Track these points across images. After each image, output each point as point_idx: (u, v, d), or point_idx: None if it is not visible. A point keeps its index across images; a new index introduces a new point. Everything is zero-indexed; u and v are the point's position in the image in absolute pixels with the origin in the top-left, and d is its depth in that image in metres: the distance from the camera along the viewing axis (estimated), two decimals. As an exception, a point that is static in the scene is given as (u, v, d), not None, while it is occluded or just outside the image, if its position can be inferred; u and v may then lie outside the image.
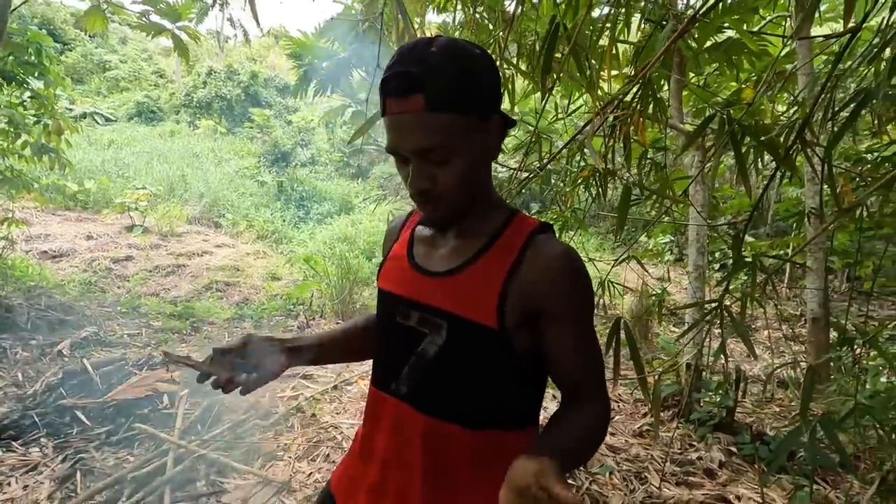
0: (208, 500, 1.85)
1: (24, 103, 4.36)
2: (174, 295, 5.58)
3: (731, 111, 1.20)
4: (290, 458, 2.27)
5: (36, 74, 4.28)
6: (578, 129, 2.48)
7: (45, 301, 3.44)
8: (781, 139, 1.43)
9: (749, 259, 1.23)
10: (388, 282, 0.77)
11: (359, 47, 3.74)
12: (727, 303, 1.29)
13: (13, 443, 2.07)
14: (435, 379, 0.69)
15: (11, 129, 4.27)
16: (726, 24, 1.49)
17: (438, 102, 0.59)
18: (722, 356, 1.38)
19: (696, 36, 2.33)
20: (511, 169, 2.41)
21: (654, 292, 5.01)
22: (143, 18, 5.83)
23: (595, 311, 0.76)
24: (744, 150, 1.18)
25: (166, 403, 2.44)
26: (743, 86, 3.37)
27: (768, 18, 2.99)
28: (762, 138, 1.17)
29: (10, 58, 4.11)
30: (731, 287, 1.34)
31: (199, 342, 3.77)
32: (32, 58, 4.12)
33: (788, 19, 2.98)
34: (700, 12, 1.00)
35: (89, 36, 17.88)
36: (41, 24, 15.11)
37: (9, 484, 1.83)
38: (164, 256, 6.88)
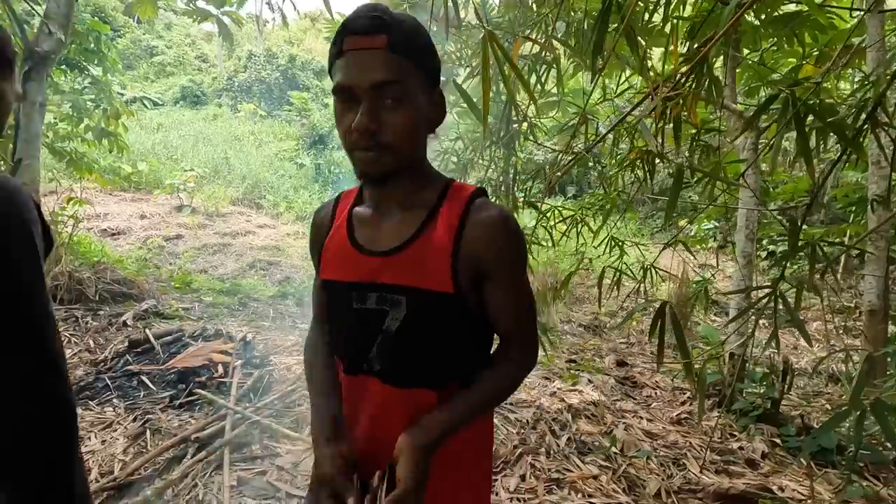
0: (263, 461, 1.99)
1: (85, 89, 4.63)
2: (221, 272, 5.87)
3: (796, 90, 1.15)
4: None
5: (95, 62, 4.52)
6: (622, 109, 2.41)
7: (110, 275, 3.70)
8: (849, 120, 1.36)
9: (805, 246, 1.19)
10: (335, 271, 0.76)
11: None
12: (780, 290, 1.26)
13: (90, 402, 2.29)
14: (403, 351, 0.72)
15: (75, 114, 4.56)
16: (792, -3, 1.41)
17: (400, 46, 0.63)
18: (772, 346, 1.35)
19: (755, 8, 2.20)
20: (553, 151, 2.39)
21: (695, 279, 4.87)
22: (191, 4, 6.02)
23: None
24: (807, 129, 1.13)
25: (221, 372, 2.61)
26: (804, 61, 3.15)
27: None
28: (829, 119, 1.12)
29: (72, 45, 4.34)
30: (784, 274, 1.30)
31: (247, 317, 3.97)
32: (92, 45, 4.35)
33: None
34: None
35: (137, 22, 18.58)
36: (93, 12, 15.81)
37: (89, 438, 2.03)
38: (210, 235, 7.23)
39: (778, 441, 2.53)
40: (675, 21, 1.60)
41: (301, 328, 3.88)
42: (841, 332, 4.39)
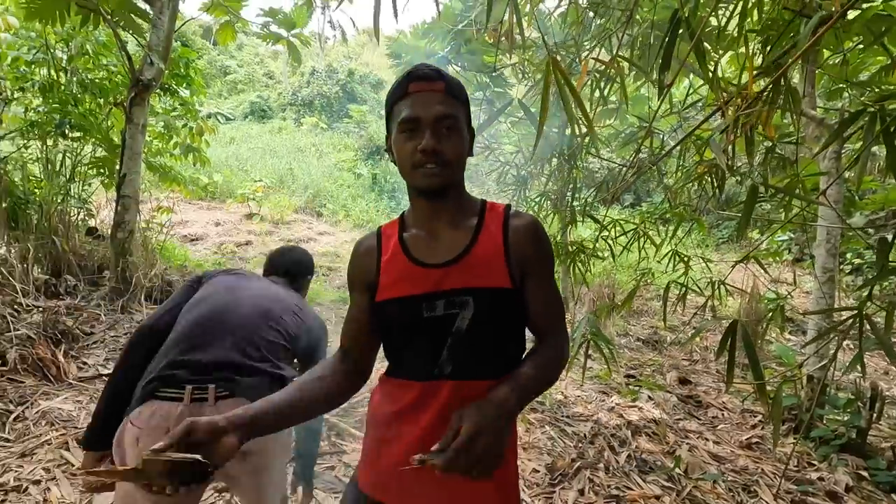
0: (331, 457, 2.12)
1: (176, 110, 5.14)
2: (286, 277, 6.25)
3: (886, 104, 1.10)
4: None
5: (184, 85, 5.01)
6: (686, 121, 2.36)
7: (194, 278, 4.07)
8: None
9: (900, 266, 1.13)
10: (398, 289, 0.83)
11: (456, 46, 3.86)
12: (867, 311, 1.20)
13: (180, 393, 2.54)
14: (472, 347, 0.80)
15: (166, 133, 5.08)
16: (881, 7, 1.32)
17: (452, 91, 0.82)
18: (857, 370, 1.27)
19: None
20: (617, 164, 2.37)
21: (767, 295, 4.56)
22: (265, 29, 6.51)
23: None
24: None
25: (291, 372, 2.79)
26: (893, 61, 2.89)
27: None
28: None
29: (166, 71, 4.85)
30: (872, 294, 1.23)
31: (311, 320, 4.20)
32: (182, 71, 4.83)
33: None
34: (850, 3, 0.94)
35: (213, 44, 20.23)
36: (177, 37, 17.43)
37: (181, 426, 2.25)
38: (276, 242, 7.71)
39: (864, 474, 2.33)
40: (747, 34, 1.57)
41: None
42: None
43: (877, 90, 1.98)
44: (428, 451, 0.70)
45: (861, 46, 3.00)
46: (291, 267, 1.49)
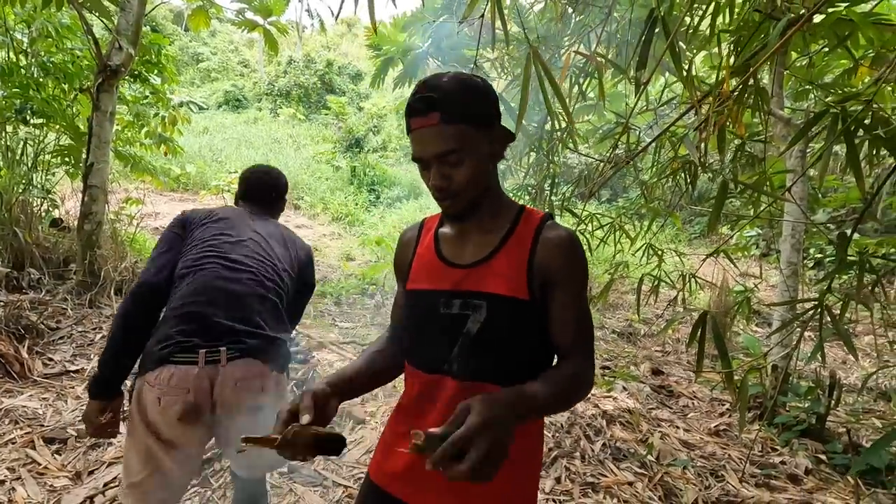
0: (310, 451, 2.10)
1: (146, 98, 4.96)
2: (263, 270, 6.13)
3: (847, 105, 1.16)
4: (376, 423, 2.50)
5: (155, 72, 4.83)
6: (661, 116, 2.41)
7: (166, 272, 3.95)
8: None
9: (855, 258, 1.19)
10: (423, 282, 0.88)
11: (436, 40, 3.84)
12: (827, 303, 1.26)
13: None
14: (480, 351, 0.80)
15: (136, 121, 4.89)
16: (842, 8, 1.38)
17: (450, 117, 0.75)
18: (818, 359, 1.34)
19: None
20: (594, 159, 2.41)
21: (735, 288, 4.74)
22: (240, 15, 6.33)
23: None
24: (857, 142, 1.14)
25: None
26: (859, 63, 3.03)
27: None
28: (882, 133, 1.12)
29: (136, 57, 4.67)
30: (831, 286, 1.30)
31: (289, 314, 4.15)
32: (153, 58, 4.65)
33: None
34: (816, 7, 0.98)
35: (185, 30, 19.54)
36: (145, 22, 16.75)
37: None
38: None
39: (823, 458, 2.46)
40: (720, 34, 1.62)
41: (341, 327, 4.03)
42: (894, 347, 4.17)
43: (840, 92, 2.07)
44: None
45: (826, 49, 3.13)
46: (271, 192, 1.53)
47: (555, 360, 0.88)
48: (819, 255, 6.03)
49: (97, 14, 3.60)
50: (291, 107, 15.36)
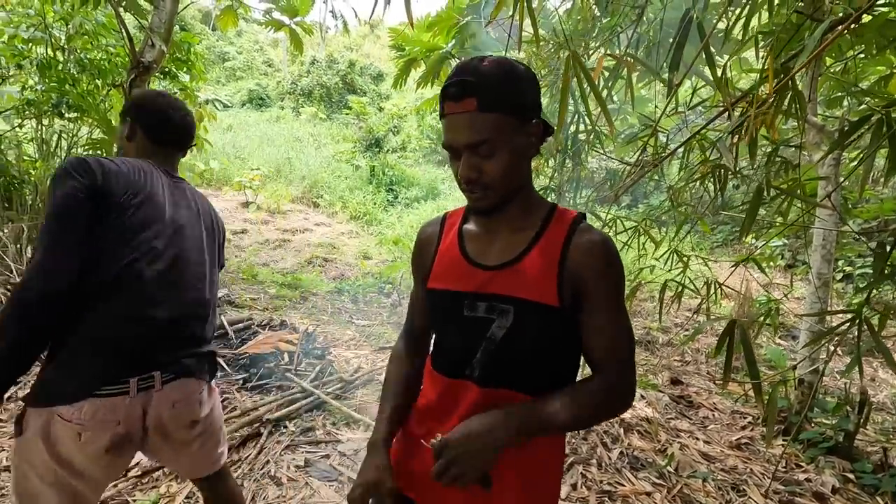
0: (326, 446, 2.13)
1: (176, 95, 5.08)
2: (282, 266, 6.22)
3: (891, 110, 1.11)
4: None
5: (185, 70, 4.95)
6: (688, 120, 2.37)
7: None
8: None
9: (900, 271, 1.15)
10: (446, 281, 0.83)
11: (461, 41, 3.84)
12: (866, 315, 1.21)
13: (175, 379, 2.53)
14: (504, 358, 0.77)
15: (165, 117, 5.02)
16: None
17: (487, 104, 0.70)
18: (850, 373, 1.29)
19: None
20: (620, 162, 2.38)
21: (759, 298, 4.62)
22: (267, 15, 6.44)
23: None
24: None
25: (287, 360, 2.79)
26: (894, 70, 2.93)
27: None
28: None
29: (167, 54, 4.78)
30: (856, 300, 1.25)
31: (307, 310, 4.20)
32: (184, 55, 4.77)
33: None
34: (865, 7, 0.94)
35: (212, 30, 19.98)
36: (176, 21, 17.17)
37: (176, 411, 2.25)
38: (272, 231, 7.67)
39: (851, 477, 2.37)
40: (757, 36, 1.58)
41: (357, 324, 4.05)
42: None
43: (876, 99, 2.00)
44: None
45: (862, 56, 3.03)
46: (191, 139, 1.21)
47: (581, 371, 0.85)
48: (848, 269, 5.83)
49: (132, 12, 3.71)
50: (313, 106, 15.56)
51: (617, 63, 1.65)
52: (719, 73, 1.43)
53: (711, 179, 1.77)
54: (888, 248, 1.29)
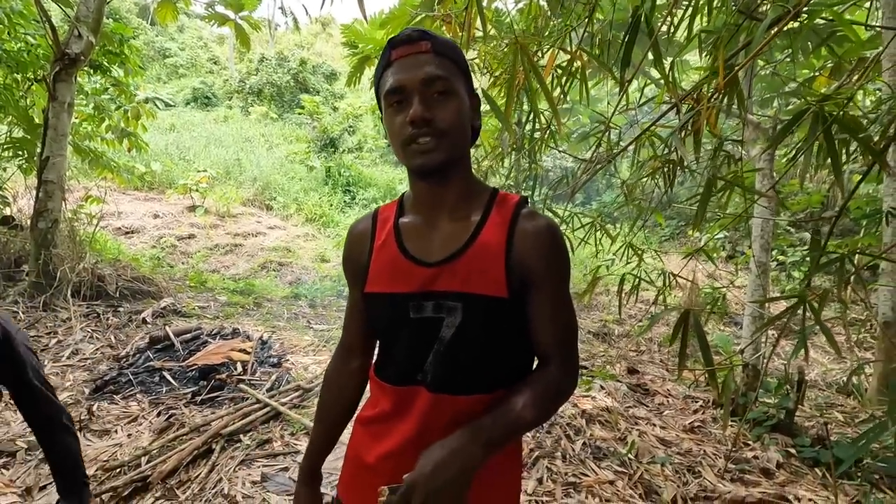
0: (285, 458, 2.02)
1: (108, 90, 4.72)
2: (233, 272, 5.93)
3: (824, 105, 1.18)
4: (352, 423, 2.43)
5: (117, 64, 4.60)
6: (634, 119, 2.45)
7: (130, 273, 3.76)
8: (874, 134, 1.39)
9: (837, 255, 1.22)
10: (386, 283, 0.76)
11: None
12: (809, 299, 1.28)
13: (114, 396, 2.34)
14: (456, 358, 0.72)
15: (97, 114, 4.65)
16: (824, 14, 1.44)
17: (441, 49, 0.70)
18: (799, 356, 1.37)
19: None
20: (576, 158, 2.43)
21: (705, 288, 4.88)
22: (210, 9, 6.13)
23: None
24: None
25: (240, 371, 2.65)
26: (817, 73, 3.19)
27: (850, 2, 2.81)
28: (858, 134, 1.15)
29: (97, 46, 4.43)
30: (789, 287, 1.32)
31: (262, 317, 4.02)
32: (116, 48, 4.43)
33: (874, 1, 2.79)
34: (806, 2, 0.99)
35: (150, 24, 18.84)
36: (108, 14, 16.05)
37: (115, 431, 2.07)
38: (222, 236, 7.31)
39: (793, 451, 2.54)
40: (700, 34, 1.65)
41: (316, 329, 3.92)
42: (854, 345, 4.38)
43: (809, 96, 2.15)
44: (398, 468, 0.70)
45: (789, 59, 3.27)
46: None
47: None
48: (782, 257, 6.28)
49: (55, 0, 3.40)
50: (263, 105, 14.99)
51: (570, 60, 1.67)
52: (667, 70, 1.48)
53: (662, 174, 1.84)
54: (826, 236, 1.37)
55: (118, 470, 1.83)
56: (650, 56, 1.45)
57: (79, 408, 2.24)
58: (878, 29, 2.32)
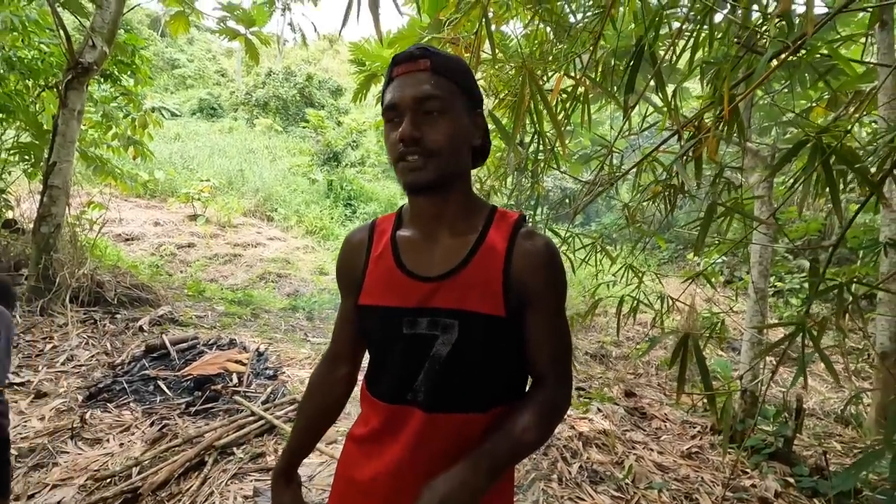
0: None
1: (117, 99, 4.78)
2: (231, 282, 5.92)
3: (822, 137, 1.21)
4: (343, 439, 2.40)
5: (128, 73, 4.68)
6: (635, 143, 2.50)
7: (129, 280, 3.76)
8: (871, 166, 1.42)
9: (836, 283, 1.24)
10: (381, 296, 0.75)
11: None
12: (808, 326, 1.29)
13: (108, 404, 2.31)
14: (451, 377, 0.70)
15: (104, 122, 4.70)
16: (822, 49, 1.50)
17: (441, 67, 0.70)
18: (798, 384, 1.37)
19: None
20: (577, 180, 2.46)
21: (703, 313, 4.88)
22: (221, 24, 6.25)
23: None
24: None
25: (236, 382, 2.62)
26: (814, 104, 3.27)
27: (844, 35, 2.90)
28: (855, 165, 1.18)
29: (109, 56, 4.51)
30: (787, 314, 1.34)
31: (259, 328, 4.00)
32: (127, 58, 4.51)
33: (869, 37, 2.87)
34: (807, 38, 1.03)
35: (161, 36, 19.18)
36: (121, 25, 16.33)
37: (107, 441, 2.04)
38: (221, 245, 7.31)
39: (791, 480, 2.51)
40: (702, 65, 1.69)
41: (313, 342, 3.90)
42: (851, 374, 4.37)
43: (808, 127, 2.20)
44: (390, 489, 0.72)
45: (787, 90, 3.35)
46: None
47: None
48: (780, 284, 6.30)
49: (71, 11, 3.48)
50: (269, 118, 15.17)
51: (575, 85, 1.71)
52: (669, 98, 1.52)
53: (663, 199, 1.86)
54: (825, 264, 1.39)
55: (108, 480, 1.80)
56: (653, 83, 1.49)
57: (71, 415, 2.22)
58: (871, 65, 2.38)
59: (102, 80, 4.61)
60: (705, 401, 1.48)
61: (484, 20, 1.83)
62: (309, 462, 2.09)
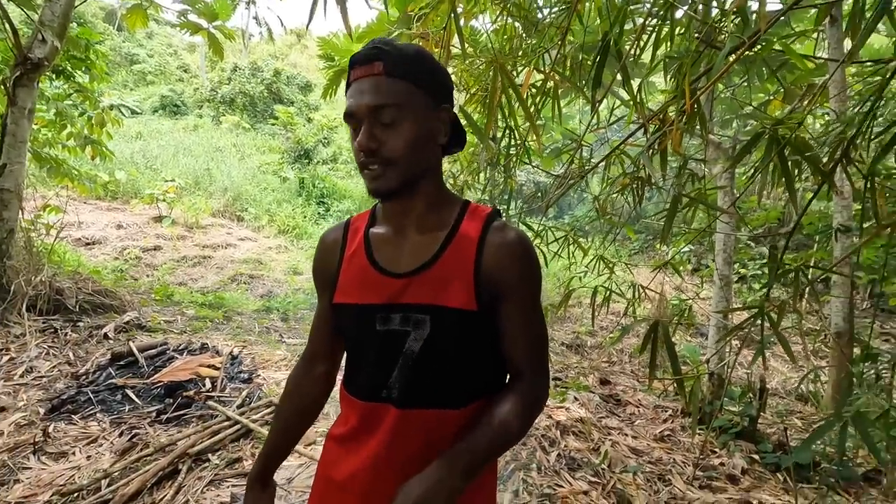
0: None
1: (71, 96, 4.55)
2: (201, 285, 5.75)
3: (777, 129, 1.27)
4: (323, 439, 2.38)
5: (82, 69, 4.46)
6: (603, 136, 2.55)
7: (91, 286, 3.60)
8: (823, 156, 1.49)
9: (792, 268, 1.30)
10: (354, 294, 0.75)
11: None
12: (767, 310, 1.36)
13: (73, 416, 2.21)
14: (424, 373, 0.71)
15: (58, 121, 4.47)
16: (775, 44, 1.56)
17: (397, 69, 0.67)
18: (758, 364, 1.44)
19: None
20: (549, 174, 2.50)
21: (672, 300, 5.05)
22: (182, 17, 6.03)
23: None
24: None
25: (209, 387, 2.56)
26: (771, 97, 3.42)
27: (797, 31, 3.03)
28: (806, 155, 1.24)
29: (61, 51, 4.28)
30: (750, 298, 1.40)
31: (232, 331, 3.90)
32: (81, 53, 4.30)
33: (820, 33, 3.01)
34: (761, 34, 1.07)
35: (117, 30, 18.33)
36: (73, 18, 15.52)
37: (73, 454, 1.96)
38: (190, 247, 7.08)
39: (756, 457, 2.63)
40: (665, 60, 1.74)
41: (288, 343, 3.83)
42: (810, 353, 4.61)
43: (765, 119, 2.30)
44: (367, 487, 0.72)
45: (745, 84, 3.48)
46: None
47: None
48: (743, 270, 6.57)
49: (17, 3, 3.28)
50: (236, 115, 14.73)
51: (544, 79, 1.73)
52: (635, 92, 1.55)
53: (631, 191, 1.91)
54: (783, 250, 1.46)
55: (76, 494, 1.73)
56: (619, 77, 1.53)
57: (33, 429, 2.12)
58: (822, 60, 2.50)
59: (55, 76, 4.38)
60: (675, 385, 1.54)
61: (453, 15, 1.83)
62: (288, 464, 2.07)
